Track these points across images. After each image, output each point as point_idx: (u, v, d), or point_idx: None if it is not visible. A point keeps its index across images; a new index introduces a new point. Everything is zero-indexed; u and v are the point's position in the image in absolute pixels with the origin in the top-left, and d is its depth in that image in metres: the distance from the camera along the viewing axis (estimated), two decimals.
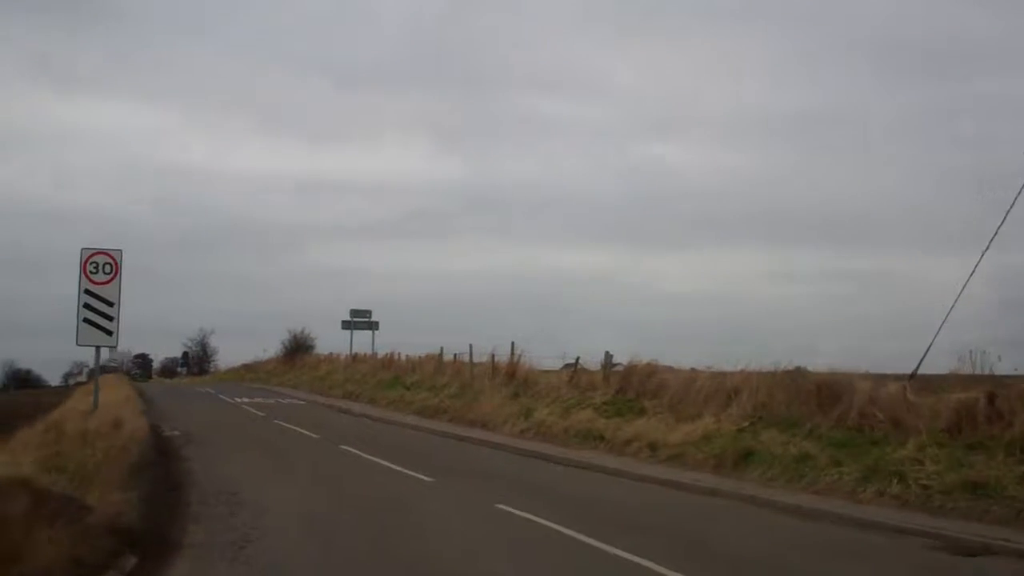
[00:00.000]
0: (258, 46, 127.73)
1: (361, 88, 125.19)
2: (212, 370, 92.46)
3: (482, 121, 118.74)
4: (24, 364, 70.78)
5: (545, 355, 27.87)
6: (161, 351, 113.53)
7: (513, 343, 27.90)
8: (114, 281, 17.68)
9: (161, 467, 14.33)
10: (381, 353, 39.45)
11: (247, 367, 65.32)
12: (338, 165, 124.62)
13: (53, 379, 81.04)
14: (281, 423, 24.51)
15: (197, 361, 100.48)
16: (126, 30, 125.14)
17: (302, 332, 53.58)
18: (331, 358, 46.84)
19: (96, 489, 9.51)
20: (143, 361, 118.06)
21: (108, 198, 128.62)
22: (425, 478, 14.15)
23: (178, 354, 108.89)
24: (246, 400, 34.07)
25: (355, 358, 41.83)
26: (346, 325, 38.77)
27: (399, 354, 38.16)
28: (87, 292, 17.51)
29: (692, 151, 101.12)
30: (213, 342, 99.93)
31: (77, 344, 17.61)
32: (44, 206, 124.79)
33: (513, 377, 26.28)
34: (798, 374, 17.17)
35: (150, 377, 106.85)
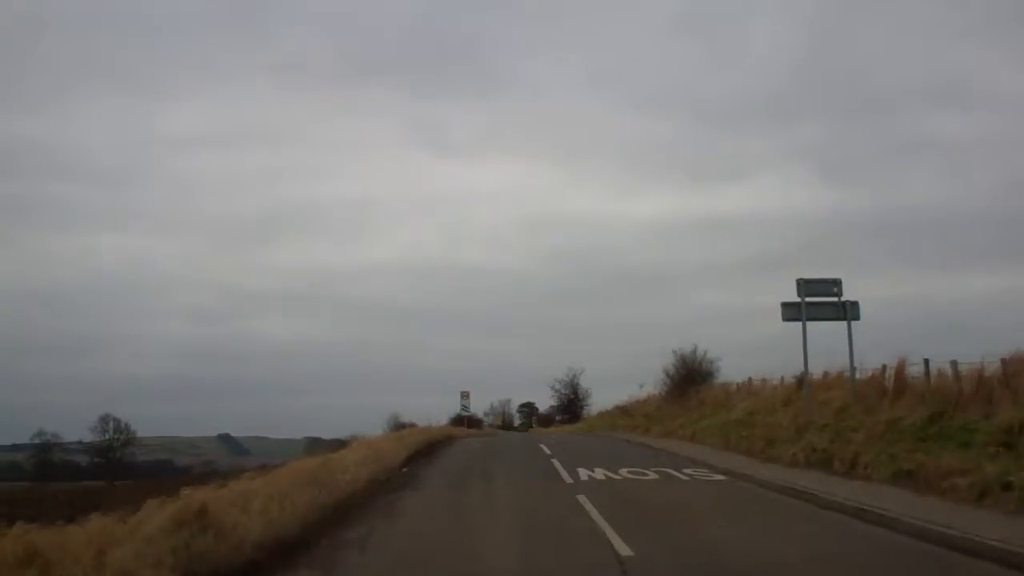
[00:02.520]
0: (620, 90, 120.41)
1: (740, 123, 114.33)
2: (584, 415, 77.92)
3: (872, 143, 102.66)
4: (408, 417, 66.29)
5: None
6: (544, 399, 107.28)
7: None
8: None
9: None
10: (870, 370, 18.83)
11: (621, 409, 49.16)
12: (712, 202, 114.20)
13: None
14: None
15: (568, 406, 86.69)
16: (502, 93, 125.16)
17: (695, 353, 34.87)
18: (751, 388, 27.34)
19: None
20: (528, 410, 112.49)
21: (495, 252, 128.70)
22: None
23: (553, 400, 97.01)
24: (598, 475, 16.01)
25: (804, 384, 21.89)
26: (790, 313, 18.67)
27: (905, 364, 17.41)
28: None
29: None
30: (584, 383, 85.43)
31: None
32: (432, 264, 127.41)
33: None
34: None
35: (531, 427, 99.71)
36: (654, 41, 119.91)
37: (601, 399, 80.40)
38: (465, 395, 68.87)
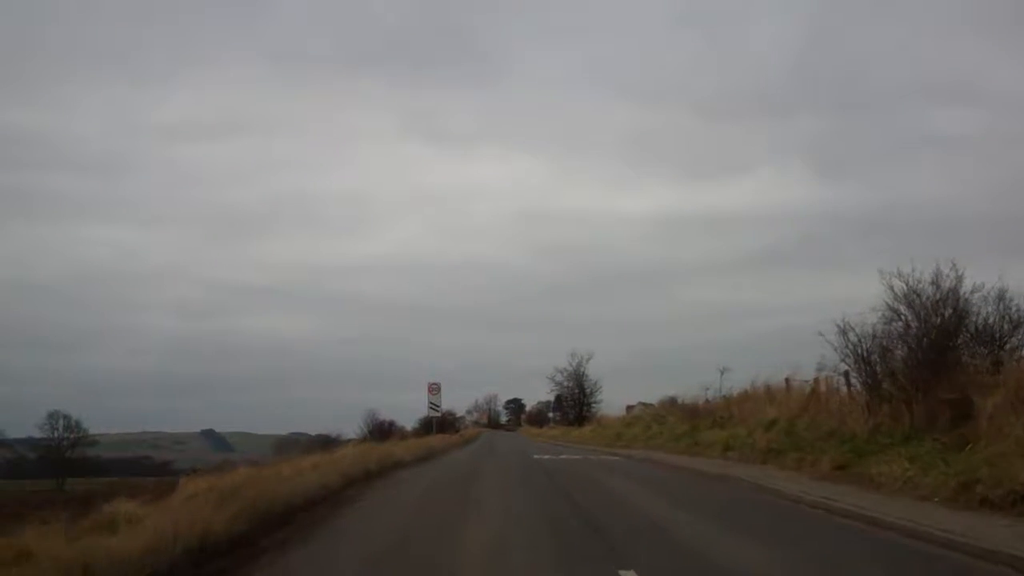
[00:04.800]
0: (617, 84, 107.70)
1: (738, 118, 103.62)
2: (596, 416, 58.37)
3: (869, 140, 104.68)
4: (388, 414, 60.26)
5: None
6: (533, 395, 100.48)
7: None
8: None
9: None
10: None
11: (689, 411, 30.81)
12: (709, 198, 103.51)
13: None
14: None
15: (573, 403, 67.16)
16: (498, 86, 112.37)
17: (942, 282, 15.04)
18: None
19: None
20: (515, 407, 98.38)
21: (488, 247, 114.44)
22: None
23: (551, 395, 79.14)
24: None
25: None
26: None
27: None
28: None
29: None
30: (591, 373, 66.00)
31: None
32: (425, 259, 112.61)
33: None
34: None
35: (519, 425, 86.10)
36: (653, 34, 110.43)
37: (606, 397, 63.02)
38: (434, 389, 48.39)
